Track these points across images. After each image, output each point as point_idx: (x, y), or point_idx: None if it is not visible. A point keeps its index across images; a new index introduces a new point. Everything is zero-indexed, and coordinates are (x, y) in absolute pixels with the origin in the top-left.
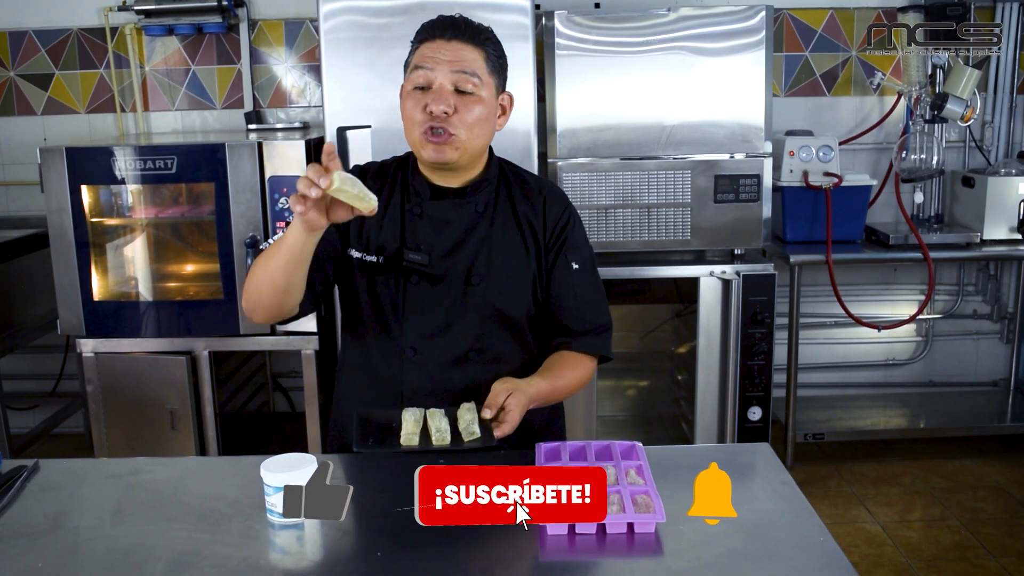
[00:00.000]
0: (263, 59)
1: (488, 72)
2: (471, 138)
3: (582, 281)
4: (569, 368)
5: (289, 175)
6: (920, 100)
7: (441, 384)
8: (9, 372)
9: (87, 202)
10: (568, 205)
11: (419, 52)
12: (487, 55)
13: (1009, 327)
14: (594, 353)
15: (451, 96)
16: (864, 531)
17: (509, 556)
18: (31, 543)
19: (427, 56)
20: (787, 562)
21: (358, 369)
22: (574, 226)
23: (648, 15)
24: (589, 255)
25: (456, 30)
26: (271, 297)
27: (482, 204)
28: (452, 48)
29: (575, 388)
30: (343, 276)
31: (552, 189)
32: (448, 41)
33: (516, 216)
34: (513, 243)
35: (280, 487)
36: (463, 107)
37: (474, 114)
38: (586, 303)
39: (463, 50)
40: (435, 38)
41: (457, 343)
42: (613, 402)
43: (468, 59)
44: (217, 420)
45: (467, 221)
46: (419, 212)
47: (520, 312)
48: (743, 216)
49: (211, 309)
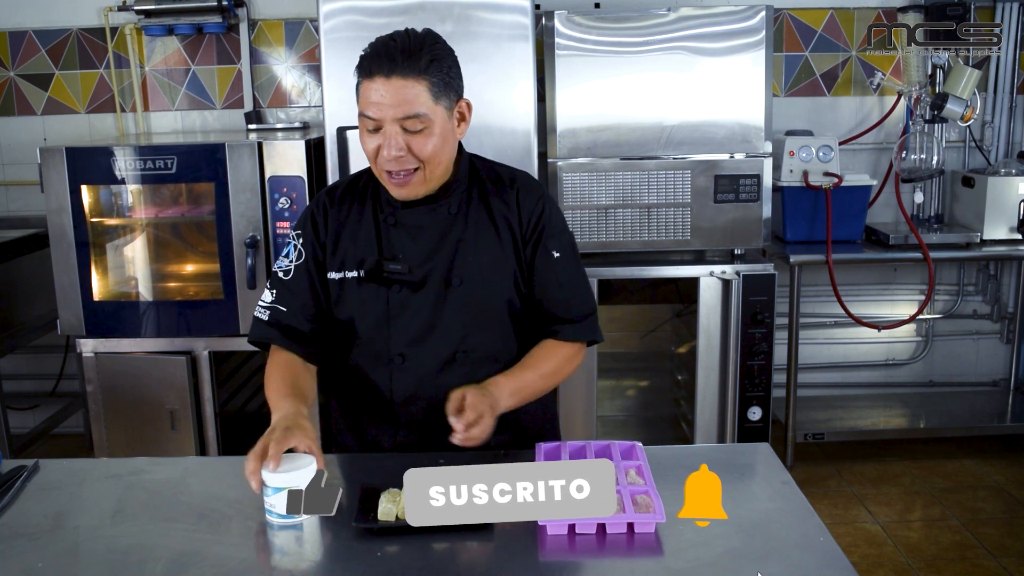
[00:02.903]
0: (263, 59)
1: (433, 102)
2: (432, 167)
3: (564, 269)
4: (547, 358)
5: (289, 175)
6: (920, 100)
7: (431, 388)
8: (9, 372)
9: (87, 202)
10: (542, 194)
11: (362, 94)
12: (430, 84)
13: (1009, 327)
14: (583, 340)
15: (400, 136)
16: (864, 531)
17: (509, 556)
18: (31, 543)
19: (371, 102)
20: (787, 562)
21: (350, 378)
22: (550, 215)
23: (648, 15)
24: (569, 241)
25: (393, 64)
26: None
27: (455, 206)
28: (393, 88)
29: (558, 373)
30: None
31: (525, 180)
32: (388, 79)
33: (490, 213)
34: (489, 241)
35: (280, 487)
36: (415, 144)
37: (428, 147)
38: (571, 290)
39: (404, 88)
40: (373, 76)
41: (443, 346)
42: (613, 402)
43: (410, 98)
44: (217, 420)
45: (441, 224)
46: (393, 221)
47: (502, 309)
48: (743, 216)
49: (211, 309)
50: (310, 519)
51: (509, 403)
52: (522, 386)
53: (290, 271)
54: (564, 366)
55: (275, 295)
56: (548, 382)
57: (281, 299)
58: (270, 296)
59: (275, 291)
